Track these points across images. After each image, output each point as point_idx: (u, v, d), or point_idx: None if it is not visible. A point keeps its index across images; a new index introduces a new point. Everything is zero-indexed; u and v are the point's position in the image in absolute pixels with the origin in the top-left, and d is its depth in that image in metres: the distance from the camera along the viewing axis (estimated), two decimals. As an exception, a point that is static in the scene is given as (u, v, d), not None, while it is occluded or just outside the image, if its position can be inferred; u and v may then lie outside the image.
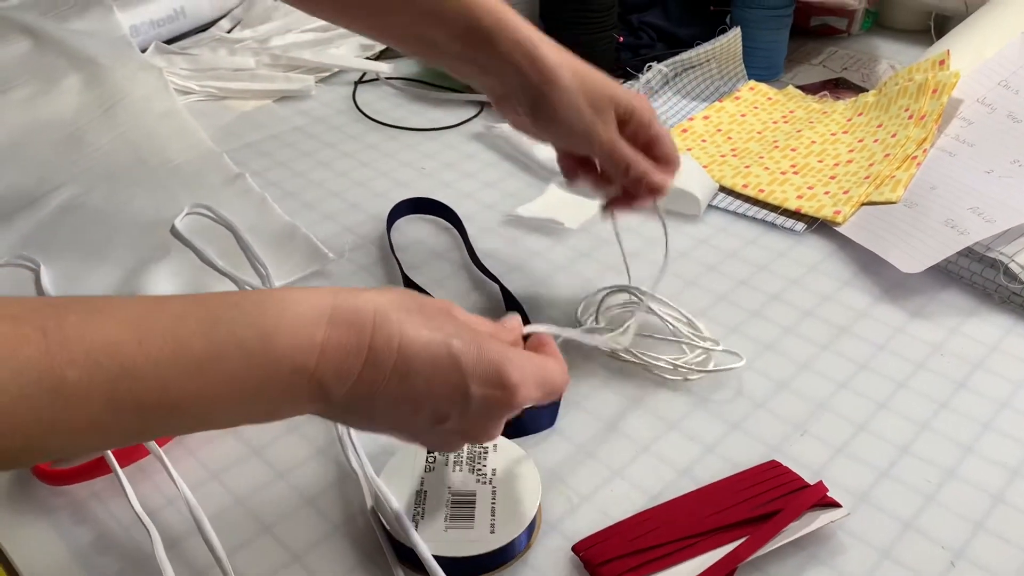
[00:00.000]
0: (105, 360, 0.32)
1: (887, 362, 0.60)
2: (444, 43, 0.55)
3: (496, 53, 0.54)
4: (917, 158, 0.75)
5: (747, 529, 0.46)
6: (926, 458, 0.52)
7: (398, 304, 0.39)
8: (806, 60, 1.03)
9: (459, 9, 0.54)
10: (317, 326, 0.36)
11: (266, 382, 0.35)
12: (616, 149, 0.56)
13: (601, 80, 0.56)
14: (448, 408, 0.39)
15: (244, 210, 0.75)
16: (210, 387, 0.34)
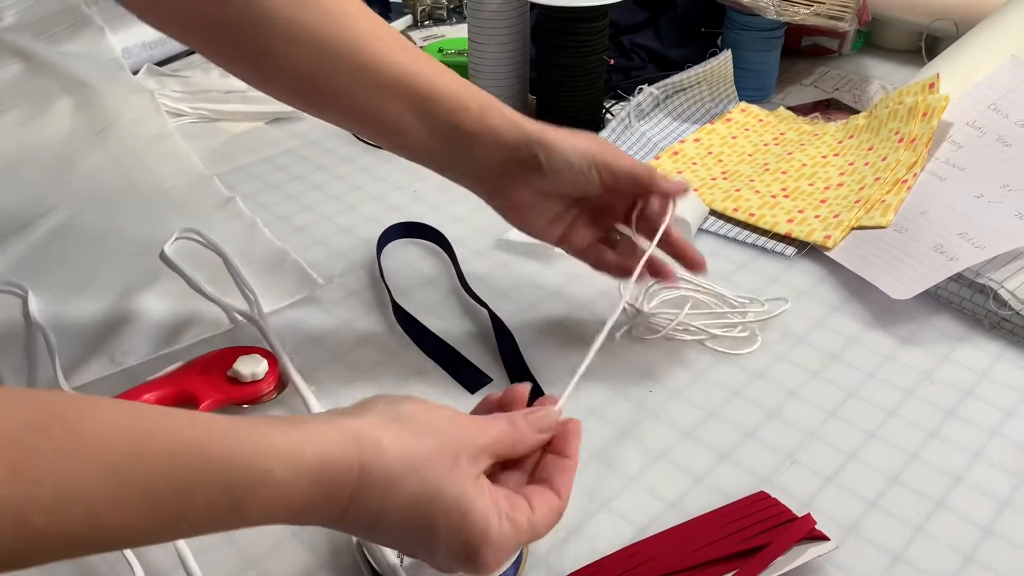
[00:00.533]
0: (76, 511, 0.32)
1: (877, 390, 0.60)
2: (442, 128, 0.55)
3: (496, 126, 0.55)
4: (907, 182, 0.75)
5: (735, 563, 0.46)
6: (916, 489, 0.52)
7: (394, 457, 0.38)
8: (797, 80, 1.04)
9: (457, 91, 0.55)
10: (296, 495, 0.36)
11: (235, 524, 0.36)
12: (634, 166, 0.57)
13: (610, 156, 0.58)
14: (416, 552, 0.41)
15: (234, 234, 0.75)
16: (179, 534, 0.36)
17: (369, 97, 0.54)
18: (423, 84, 0.54)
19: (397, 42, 0.55)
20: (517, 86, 0.92)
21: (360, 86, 0.54)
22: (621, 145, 0.86)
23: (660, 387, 0.60)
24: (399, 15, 1.12)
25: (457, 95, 0.55)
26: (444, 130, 0.55)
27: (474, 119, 0.55)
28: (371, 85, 0.54)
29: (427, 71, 0.55)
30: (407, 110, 0.54)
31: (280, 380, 0.59)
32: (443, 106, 0.54)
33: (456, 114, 0.54)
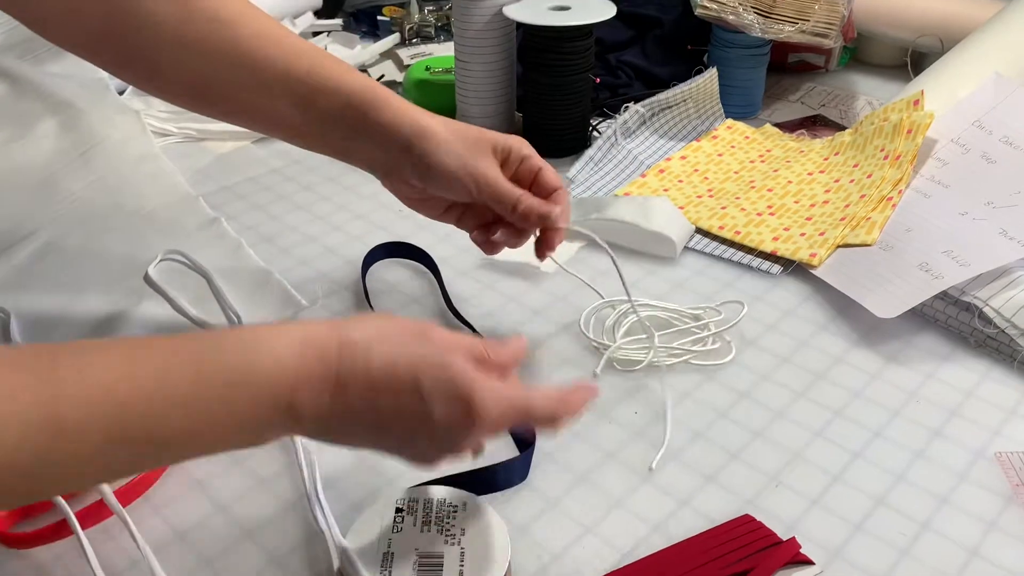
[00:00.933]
0: (100, 399, 0.35)
1: (863, 410, 0.59)
2: (327, 120, 0.57)
3: (380, 123, 0.56)
4: (892, 199, 0.75)
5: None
6: (901, 510, 0.52)
7: (369, 332, 0.41)
8: (784, 97, 1.04)
9: (337, 85, 0.56)
10: (289, 361, 0.39)
11: (247, 414, 0.39)
12: (500, 186, 0.58)
13: (476, 129, 0.59)
14: (414, 431, 0.42)
15: (219, 255, 0.75)
16: (197, 419, 0.37)
17: (255, 97, 0.57)
18: (306, 79, 0.56)
19: (280, 39, 0.57)
20: (504, 104, 0.92)
21: (245, 87, 0.56)
22: (608, 163, 0.86)
23: (645, 409, 0.59)
24: (387, 33, 1.12)
25: (340, 89, 0.56)
26: (332, 124, 0.57)
27: (360, 113, 0.56)
28: (255, 85, 0.56)
29: (308, 65, 0.56)
30: (293, 107, 0.57)
31: (262, 404, 0.59)
32: (327, 101, 0.56)
33: (343, 109, 0.56)
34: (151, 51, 0.56)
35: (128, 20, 0.55)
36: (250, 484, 0.54)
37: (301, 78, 0.56)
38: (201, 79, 0.57)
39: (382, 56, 1.10)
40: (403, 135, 0.57)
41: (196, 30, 0.56)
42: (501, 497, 0.52)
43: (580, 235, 0.77)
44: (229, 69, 0.56)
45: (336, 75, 0.57)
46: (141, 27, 0.55)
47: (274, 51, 0.56)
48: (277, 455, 0.55)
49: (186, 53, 0.56)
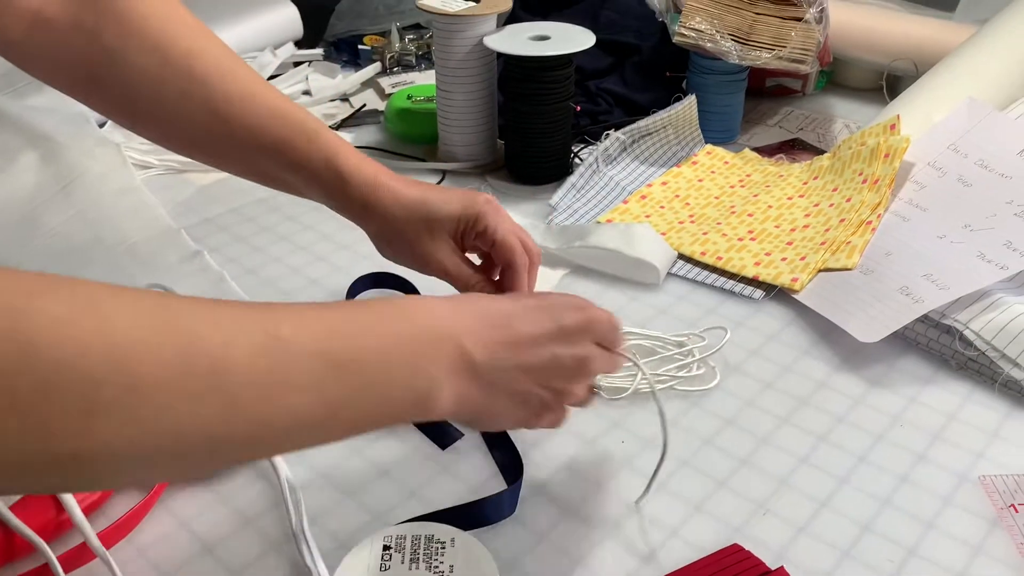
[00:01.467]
0: (312, 320, 0.39)
1: (847, 435, 0.60)
2: (302, 185, 0.60)
3: (344, 195, 0.59)
4: (872, 223, 0.76)
5: None
6: (888, 536, 0.52)
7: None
8: (762, 121, 1.05)
9: (304, 156, 0.58)
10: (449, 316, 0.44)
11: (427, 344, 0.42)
12: (447, 274, 0.60)
13: (433, 202, 0.59)
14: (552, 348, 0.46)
15: (202, 289, 0.74)
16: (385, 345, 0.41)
17: (233, 153, 0.60)
18: (274, 146, 0.58)
19: (252, 99, 0.58)
20: (485, 132, 0.92)
21: (222, 145, 0.59)
22: (590, 189, 0.87)
23: (631, 437, 0.59)
24: (368, 62, 1.13)
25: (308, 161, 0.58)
26: (306, 188, 0.60)
27: (324, 184, 0.59)
28: (231, 144, 0.59)
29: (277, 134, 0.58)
30: (271, 165, 0.59)
31: (247, 440, 0.58)
32: (297, 173, 0.59)
33: (309, 181, 0.59)
34: (130, 101, 0.58)
35: (109, 69, 0.56)
36: (235, 523, 0.53)
37: (269, 146, 0.58)
38: (179, 132, 0.59)
39: (363, 85, 1.11)
40: (359, 213, 0.60)
41: (172, 87, 0.56)
42: (490, 531, 0.52)
43: (565, 262, 0.78)
44: (203, 127, 0.58)
45: (302, 146, 0.58)
46: (123, 79, 0.56)
47: (244, 114, 0.57)
48: (262, 493, 0.55)
49: (162, 108, 0.57)
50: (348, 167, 0.58)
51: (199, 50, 0.57)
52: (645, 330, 0.69)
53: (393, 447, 0.59)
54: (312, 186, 0.59)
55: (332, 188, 0.58)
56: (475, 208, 0.59)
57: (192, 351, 0.34)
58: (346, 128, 1.02)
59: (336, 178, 0.58)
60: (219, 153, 0.61)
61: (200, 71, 0.57)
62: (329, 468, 0.57)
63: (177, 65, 0.56)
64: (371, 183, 0.59)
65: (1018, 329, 0.62)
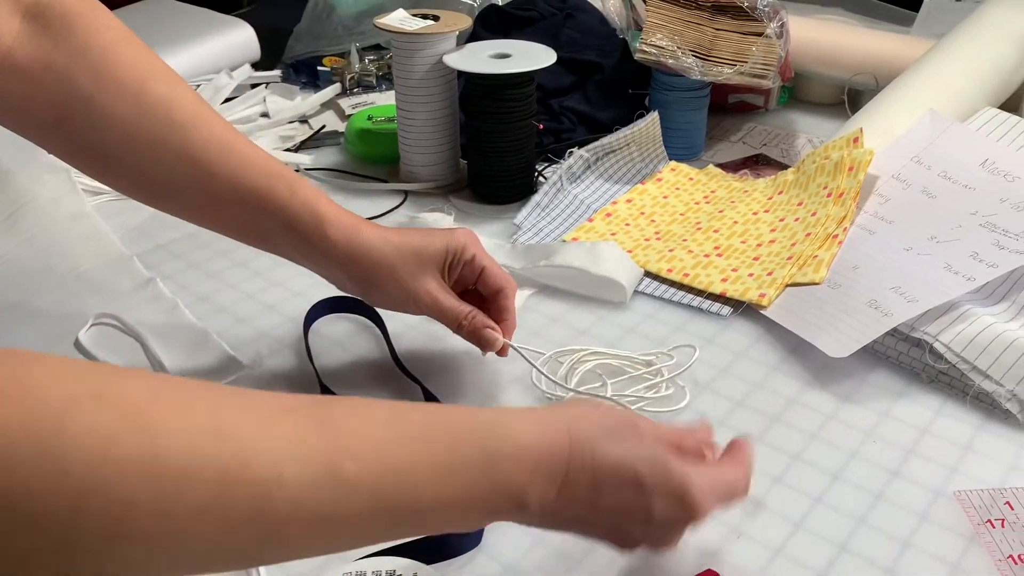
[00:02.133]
0: (372, 456, 0.35)
1: (820, 452, 0.58)
2: (274, 235, 0.59)
3: (321, 245, 0.58)
4: (838, 236, 0.75)
5: None
6: (865, 556, 0.51)
7: (594, 429, 0.42)
8: (726, 137, 1.05)
9: (283, 203, 0.57)
10: (530, 452, 0.40)
11: (488, 496, 0.39)
12: (440, 306, 0.59)
13: (417, 238, 0.59)
14: (631, 525, 0.43)
15: (154, 317, 0.72)
16: (448, 494, 0.38)
17: (206, 202, 0.58)
18: (252, 193, 0.57)
19: (230, 148, 0.57)
20: (448, 152, 0.91)
21: (196, 193, 0.57)
22: (554, 208, 0.85)
23: (601, 461, 0.58)
24: (327, 83, 1.11)
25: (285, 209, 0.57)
26: (278, 239, 0.59)
27: (301, 234, 0.58)
28: (205, 193, 0.57)
29: (254, 181, 0.57)
30: (244, 215, 0.58)
31: (200, 475, 0.56)
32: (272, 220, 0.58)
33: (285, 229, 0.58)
34: (102, 146, 0.55)
35: (81, 113, 0.54)
36: (187, 563, 0.50)
37: (248, 192, 0.57)
38: (152, 179, 0.57)
39: (323, 106, 1.09)
40: (341, 256, 0.58)
41: (148, 131, 0.55)
42: (455, 564, 0.50)
43: (530, 282, 0.76)
44: (179, 174, 0.56)
45: (282, 192, 0.57)
46: (94, 122, 0.54)
47: (223, 161, 0.56)
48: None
49: (136, 154, 0.55)
50: (329, 212, 0.58)
51: (176, 96, 0.56)
52: (613, 350, 0.67)
53: (354, 478, 0.56)
54: (289, 233, 0.58)
55: (312, 233, 0.57)
56: (460, 240, 0.60)
57: (240, 479, 0.31)
58: (305, 150, 1.00)
59: (316, 222, 0.57)
60: (194, 202, 0.59)
61: (178, 118, 0.55)
62: (287, 502, 0.55)
63: (155, 111, 0.55)
64: (353, 226, 0.58)
65: (987, 341, 0.62)
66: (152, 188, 0.59)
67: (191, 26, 1.16)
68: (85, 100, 0.54)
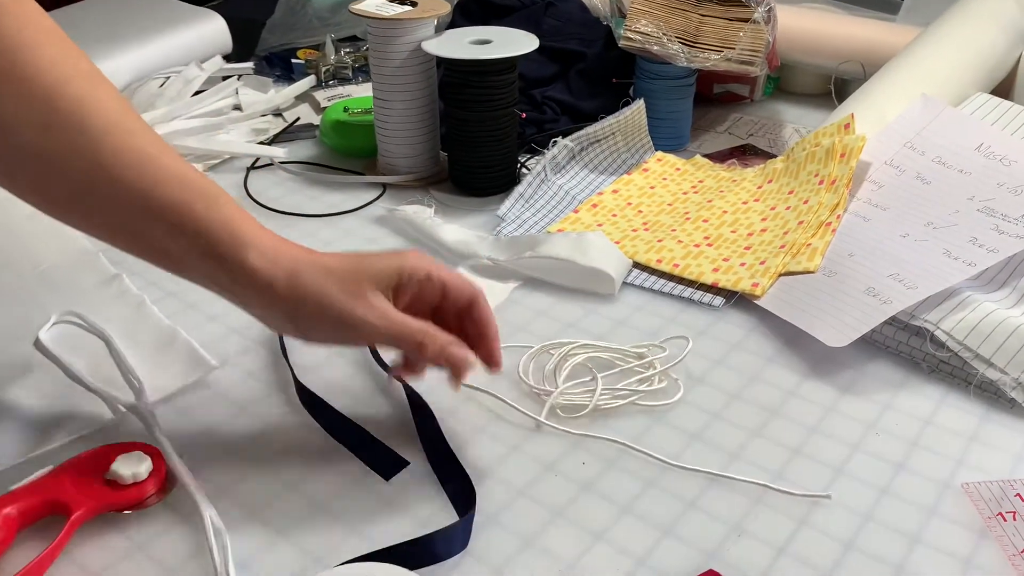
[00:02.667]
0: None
1: (822, 446, 0.56)
2: (192, 260, 0.50)
3: (243, 269, 0.49)
4: (831, 224, 0.73)
5: None
6: (873, 554, 0.48)
7: None
8: (712, 128, 1.02)
9: (203, 222, 0.49)
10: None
11: None
12: (393, 329, 0.50)
13: (355, 260, 0.51)
14: None
15: (120, 315, 0.68)
16: None
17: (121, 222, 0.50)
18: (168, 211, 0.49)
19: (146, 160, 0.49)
20: (427, 143, 0.88)
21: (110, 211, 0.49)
22: (539, 199, 0.82)
23: (593, 458, 0.55)
24: (302, 76, 1.08)
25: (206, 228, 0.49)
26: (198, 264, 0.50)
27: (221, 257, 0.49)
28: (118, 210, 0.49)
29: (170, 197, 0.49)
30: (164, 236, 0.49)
31: (167, 479, 0.52)
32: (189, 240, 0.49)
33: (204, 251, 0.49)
34: (9, 161, 0.48)
35: None
36: (152, 574, 0.47)
37: (160, 209, 0.49)
38: (65, 197, 0.50)
39: (297, 99, 1.05)
40: (261, 285, 0.49)
41: (57, 143, 0.48)
42: (441, 569, 0.47)
43: (515, 274, 0.73)
44: (87, 188, 0.49)
45: (199, 209, 0.49)
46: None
47: (136, 175, 0.48)
48: (184, 538, 0.49)
49: (47, 167, 0.48)
50: (251, 234, 0.50)
51: (95, 101, 0.49)
52: (603, 342, 0.64)
53: (332, 480, 0.53)
54: (204, 257, 0.49)
55: (230, 257, 0.49)
56: (410, 259, 0.52)
57: None
58: (279, 142, 0.97)
59: (235, 245, 0.49)
60: (104, 219, 0.51)
61: (93, 124, 0.48)
62: (260, 506, 0.51)
63: (67, 118, 0.48)
64: (280, 250, 0.50)
65: (990, 328, 0.60)
66: (59, 203, 0.51)
67: (162, 17, 1.12)
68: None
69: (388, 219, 0.82)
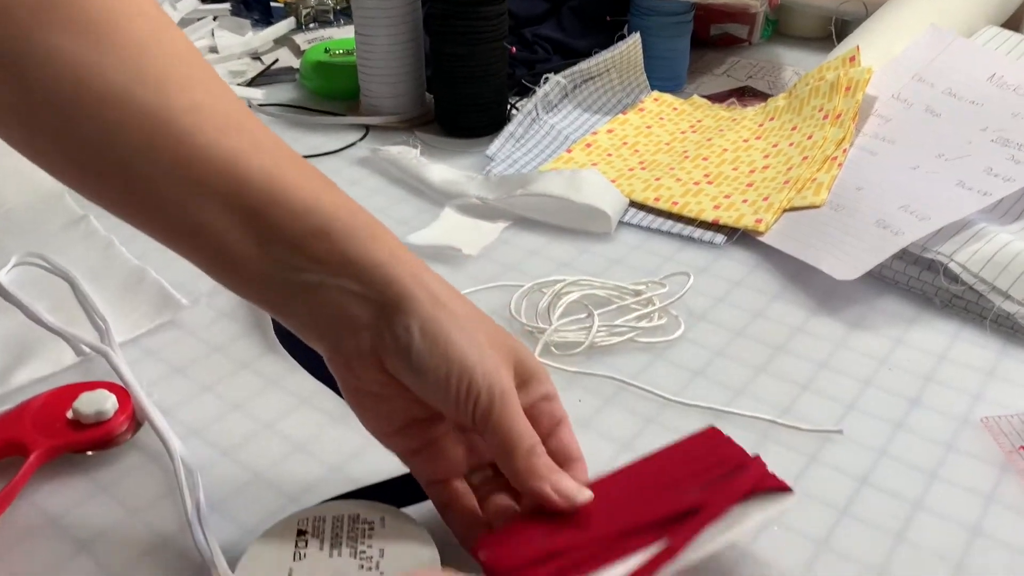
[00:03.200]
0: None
1: (832, 382, 0.53)
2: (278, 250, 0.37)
3: (359, 264, 0.37)
4: (837, 159, 0.70)
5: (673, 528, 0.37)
6: (889, 491, 0.45)
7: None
8: (709, 71, 0.99)
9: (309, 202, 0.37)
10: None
11: None
12: (513, 417, 0.37)
13: (495, 326, 0.40)
14: None
15: (87, 256, 0.64)
16: None
17: (180, 198, 0.36)
18: (260, 186, 0.36)
19: (235, 122, 0.37)
20: (412, 81, 0.84)
21: (166, 182, 0.36)
22: (530, 139, 0.79)
23: (590, 396, 0.52)
24: (281, 18, 1.03)
25: (312, 209, 0.37)
26: (284, 256, 0.37)
27: (331, 246, 0.37)
28: (182, 182, 0.36)
29: (267, 165, 0.37)
30: (232, 221, 0.36)
31: (135, 419, 0.49)
32: (286, 222, 0.37)
33: (306, 237, 0.37)
34: (40, 105, 0.35)
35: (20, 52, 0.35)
36: (117, 516, 0.44)
37: (253, 182, 0.36)
38: (104, 161, 0.36)
39: (276, 43, 1.01)
40: (389, 288, 0.37)
41: (106, 86, 0.35)
42: (426, 507, 0.44)
43: (506, 214, 0.70)
44: (148, 154, 0.36)
45: (309, 188, 0.37)
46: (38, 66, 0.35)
47: (219, 137, 0.36)
48: (152, 477, 0.46)
49: (85, 116, 0.35)
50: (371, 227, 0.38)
51: (154, 42, 0.37)
52: (599, 279, 0.61)
53: (311, 418, 0.50)
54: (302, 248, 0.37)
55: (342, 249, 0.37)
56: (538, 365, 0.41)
57: None
58: (257, 85, 0.92)
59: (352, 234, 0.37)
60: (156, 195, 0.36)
61: (153, 72, 0.36)
62: (234, 447, 0.48)
63: (121, 56, 0.36)
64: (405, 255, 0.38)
65: (1007, 259, 0.56)
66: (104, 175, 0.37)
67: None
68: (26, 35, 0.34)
69: (371, 160, 0.79)
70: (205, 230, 0.36)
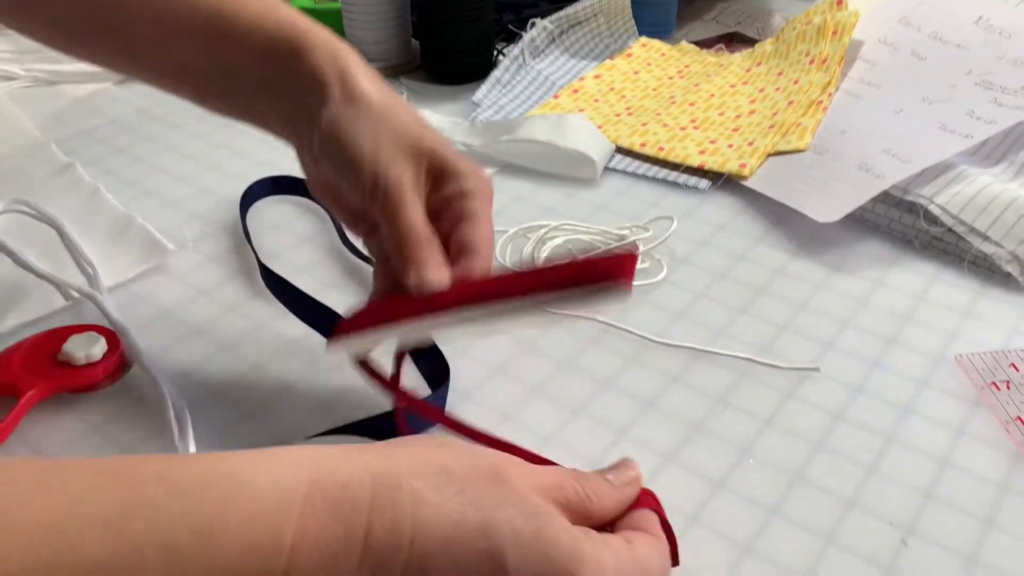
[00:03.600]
0: None
1: (811, 321, 0.54)
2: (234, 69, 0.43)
3: (300, 71, 0.41)
4: (823, 103, 0.70)
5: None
6: (864, 425, 0.46)
7: (416, 468, 0.29)
8: (698, 16, 0.98)
9: (255, 22, 0.42)
10: (284, 515, 0.26)
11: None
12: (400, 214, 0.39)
13: (419, 127, 0.42)
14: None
15: (73, 204, 0.65)
16: None
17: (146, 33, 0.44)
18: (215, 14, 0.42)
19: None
20: (398, 27, 0.83)
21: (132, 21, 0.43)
22: (516, 85, 0.78)
23: (572, 338, 0.52)
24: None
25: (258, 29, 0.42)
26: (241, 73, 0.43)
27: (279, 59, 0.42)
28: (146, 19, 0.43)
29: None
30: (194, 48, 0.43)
31: (124, 361, 0.49)
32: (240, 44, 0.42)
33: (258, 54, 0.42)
34: None
35: None
36: (110, 455, 0.45)
37: (210, 12, 0.42)
38: (76, 9, 0.45)
39: (261, -11, 1.00)
40: (323, 86, 0.41)
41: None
42: (412, 444, 0.45)
43: (492, 160, 0.70)
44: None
45: (256, 9, 0.42)
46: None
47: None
48: (141, 416, 0.46)
49: None
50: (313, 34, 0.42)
51: None
52: (583, 223, 0.61)
53: (299, 361, 0.50)
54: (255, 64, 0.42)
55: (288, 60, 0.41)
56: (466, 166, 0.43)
57: None
58: (242, 33, 0.91)
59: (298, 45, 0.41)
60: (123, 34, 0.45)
61: None
62: (223, 388, 0.49)
63: None
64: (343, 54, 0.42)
65: (986, 201, 0.57)
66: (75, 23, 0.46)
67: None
68: None
69: (358, 107, 0.78)
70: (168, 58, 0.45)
